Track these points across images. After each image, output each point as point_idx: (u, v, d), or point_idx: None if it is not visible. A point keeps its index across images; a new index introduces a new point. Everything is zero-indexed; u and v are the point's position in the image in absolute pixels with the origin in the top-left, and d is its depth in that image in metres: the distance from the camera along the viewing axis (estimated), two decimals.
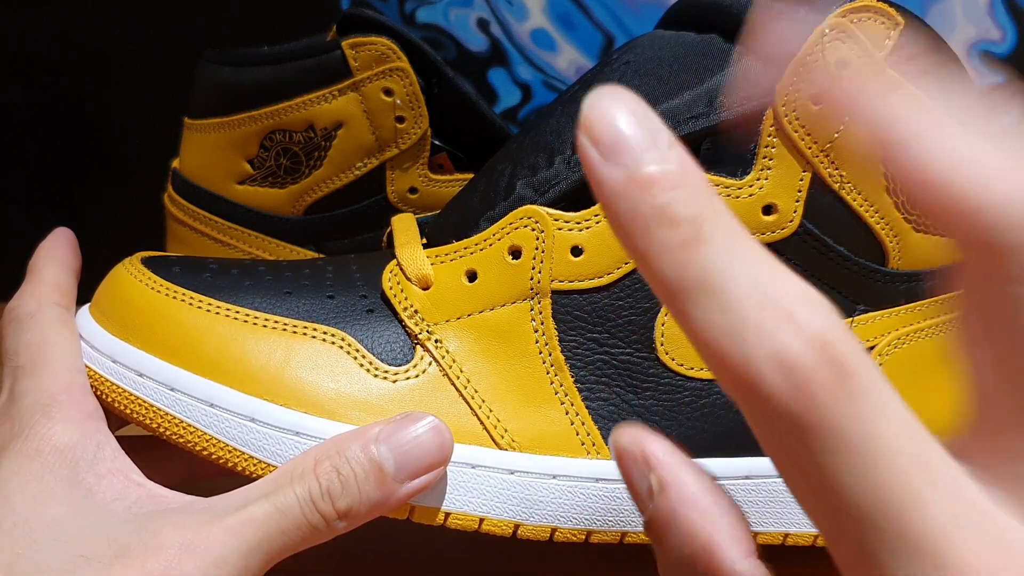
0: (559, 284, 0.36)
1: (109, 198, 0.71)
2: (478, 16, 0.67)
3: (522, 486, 0.35)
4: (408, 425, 0.34)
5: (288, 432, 0.34)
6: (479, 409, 0.35)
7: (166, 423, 0.35)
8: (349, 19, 0.51)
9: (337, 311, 0.37)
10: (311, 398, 0.35)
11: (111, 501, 0.33)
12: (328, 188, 0.52)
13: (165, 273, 0.37)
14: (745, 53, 0.37)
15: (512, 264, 0.36)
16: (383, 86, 0.50)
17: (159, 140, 0.59)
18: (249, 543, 0.32)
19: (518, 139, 0.40)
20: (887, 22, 0.36)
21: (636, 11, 0.67)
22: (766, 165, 0.36)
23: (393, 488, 0.33)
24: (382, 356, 0.36)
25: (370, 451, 0.33)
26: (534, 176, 0.37)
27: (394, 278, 0.37)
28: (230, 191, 0.53)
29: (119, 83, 0.69)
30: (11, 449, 0.34)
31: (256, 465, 0.34)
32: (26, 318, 0.37)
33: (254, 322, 0.36)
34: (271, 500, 0.32)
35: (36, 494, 0.32)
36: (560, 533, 0.36)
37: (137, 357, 0.35)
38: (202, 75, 0.53)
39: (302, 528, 0.32)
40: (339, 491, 0.32)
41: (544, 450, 0.35)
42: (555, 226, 0.36)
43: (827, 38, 0.36)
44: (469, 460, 0.35)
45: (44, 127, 0.70)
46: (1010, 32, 0.67)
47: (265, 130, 0.51)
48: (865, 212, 0.37)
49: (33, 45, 0.68)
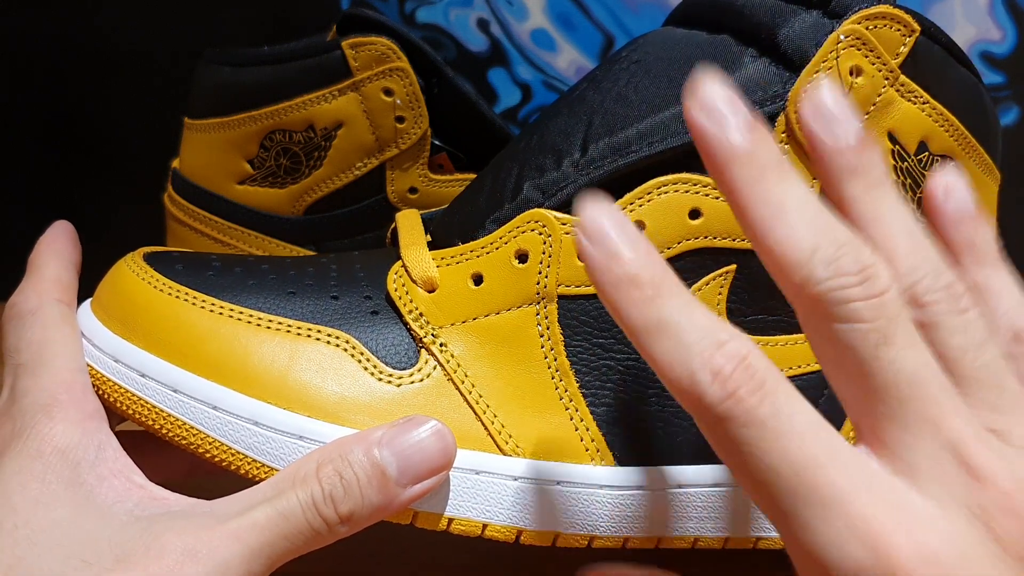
0: (565, 289, 0.36)
1: (109, 198, 0.71)
2: (478, 16, 0.67)
3: (525, 492, 0.35)
4: (411, 429, 0.34)
5: (292, 436, 0.34)
6: (483, 414, 0.35)
7: (169, 424, 0.35)
8: (349, 19, 0.51)
9: (341, 313, 0.36)
10: (315, 401, 0.34)
11: (112, 504, 0.33)
12: (328, 188, 0.52)
13: (168, 271, 0.37)
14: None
15: (518, 268, 0.36)
16: (383, 86, 0.50)
17: (159, 140, 0.59)
18: (251, 548, 0.32)
19: (524, 137, 0.40)
20: (903, 29, 0.36)
21: (636, 11, 0.67)
22: None
23: (396, 492, 0.33)
24: (386, 359, 0.36)
25: (373, 455, 0.33)
26: (541, 178, 0.37)
27: (399, 280, 0.37)
28: (230, 191, 0.53)
29: (119, 83, 0.69)
30: (13, 449, 0.33)
31: (259, 469, 0.34)
32: (27, 315, 0.37)
33: (257, 323, 0.36)
34: (273, 504, 0.32)
35: (38, 495, 0.32)
36: (563, 539, 0.35)
37: (139, 357, 0.35)
38: (202, 75, 0.53)
39: (304, 532, 0.32)
40: (342, 495, 0.32)
41: (548, 456, 0.35)
42: (562, 230, 0.36)
43: (842, 44, 0.35)
44: (473, 465, 0.35)
45: (44, 127, 0.70)
46: (1010, 32, 0.67)
47: (265, 130, 0.51)
48: None
49: (33, 45, 0.68)
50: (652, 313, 0.27)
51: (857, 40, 0.35)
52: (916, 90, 0.37)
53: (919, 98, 0.37)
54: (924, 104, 0.37)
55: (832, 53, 0.35)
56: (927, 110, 0.37)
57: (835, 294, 0.27)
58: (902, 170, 0.37)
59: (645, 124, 0.36)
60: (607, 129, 0.37)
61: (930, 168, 0.37)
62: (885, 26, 0.36)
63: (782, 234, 0.27)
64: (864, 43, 0.36)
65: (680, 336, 0.26)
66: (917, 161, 0.37)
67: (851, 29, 0.35)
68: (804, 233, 0.27)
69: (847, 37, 0.35)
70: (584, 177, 0.36)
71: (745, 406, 0.26)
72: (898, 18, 0.36)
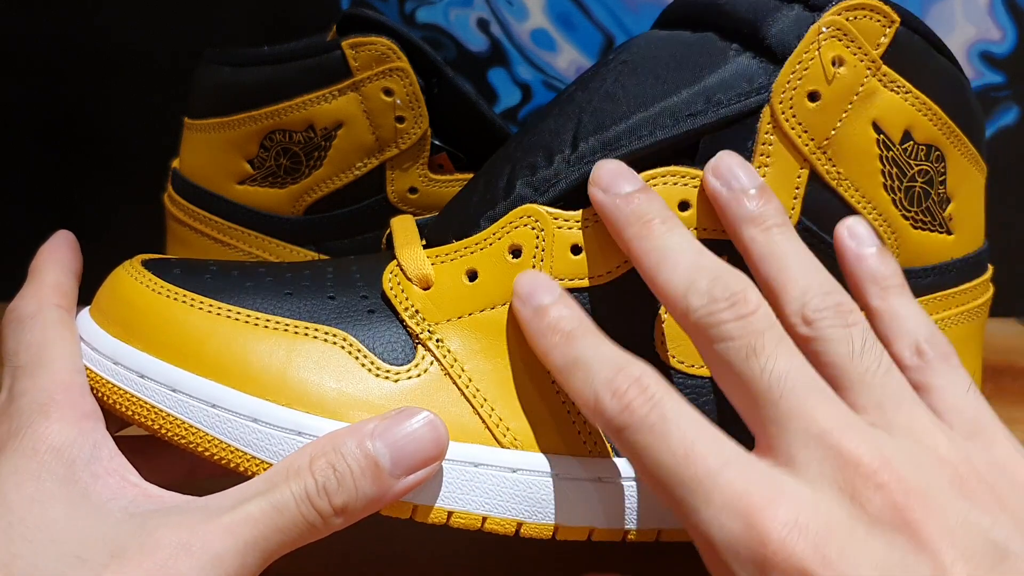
0: (559, 282, 0.36)
1: (109, 198, 0.71)
2: (478, 16, 0.67)
3: (524, 484, 0.35)
4: (403, 420, 0.34)
5: (291, 432, 0.34)
6: (481, 408, 0.35)
7: (168, 424, 0.35)
8: (349, 19, 0.51)
9: (338, 311, 0.37)
10: (313, 398, 0.35)
11: (107, 501, 0.33)
12: (328, 188, 0.52)
13: (166, 275, 0.37)
14: None
15: (512, 263, 0.36)
16: (383, 86, 0.50)
17: (159, 140, 0.59)
18: (246, 541, 0.32)
19: (517, 139, 0.40)
20: (883, 20, 0.36)
21: (636, 11, 0.67)
22: (763, 163, 0.36)
23: (389, 484, 0.33)
24: (384, 356, 0.36)
25: (366, 447, 0.33)
26: (533, 175, 0.37)
27: (394, 278, 0.37)
28: (230, 191, 0.53)
29: (119, 83, 0.69)
30: (9, 448, 0.33)
31: (259, 465, 0.34)
32: (27, 319, 0.37)
33: (255, 323, 0.36)
34: (267, 498, 0.32)
35: (33, 493, 0.32)
36: (563, 532, 0.36)
37: (138, 359, 0.35)
38: (202, 75, 0.53)
39: (299, 525, 0.32)
40: (335, 487, 0.32)
41: (546, 448, 0.35)
42: (555, 225, 0.36)
43: (823, 36, 0.36)
44: (471, 459, 0.35)
45: (44, 127, 0.70)
46: (1010, 32, 0.67)
47: (265, 130, 0.51)
48: (863, 209, 0.37)
49: (33, 45, 0.68)
50: (569, 352, 0.33)
51: (838, 31, 0.36)
52: (898, 80, 0.37)
53: (901, 88, 0.37)
54: (907, 94, 0.37)
55: (814, 44, 0.36)
56: (910, 99, 0.37)
57: (709, 318, 0.31)
58: (888, 159, 0.37)
59: (634, 120, 0.37)
60: (596, 126, 0.37)
61: (916, 157, 0.38)
62: (865, 17, 0.36)
63: (665, 276, 0.33)
64: (845, 34, 0.36)
65: (590, 367, 0.32)
66: (903, 150, 0.38)
67: (832, 20, 0.36)
68: (682, 272, 0.33)
69: (828, 28, 0.36)
70: (575, 172, 0.36)
71: (638, 415, 0.30)
72: (878, 9, 0.36)
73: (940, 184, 0.39)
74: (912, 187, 0.38)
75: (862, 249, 0.36)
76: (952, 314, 0.40)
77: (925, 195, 0.38)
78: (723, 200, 0.35)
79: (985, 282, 0.42)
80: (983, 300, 0.42)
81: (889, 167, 0.37)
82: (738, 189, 0.35)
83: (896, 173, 0.38)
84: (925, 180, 0.38)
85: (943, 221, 0.39)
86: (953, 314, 0.40)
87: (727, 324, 0.31)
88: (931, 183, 0.38)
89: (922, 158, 0.38)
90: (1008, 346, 0.68)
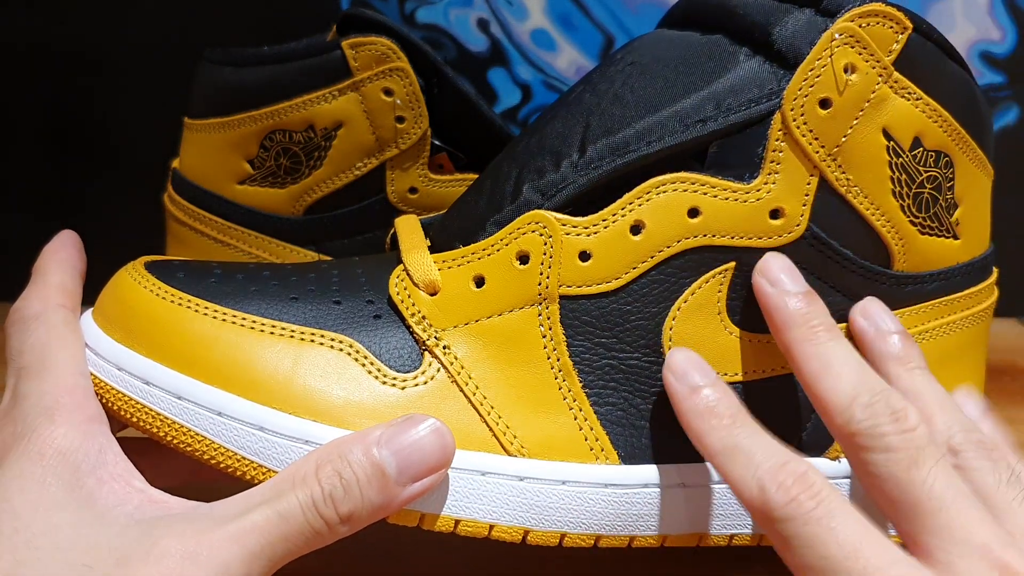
0: (567, 289, 0.36)
1: (109, 198, 0.71)
2: (478, 16, 0.67)
3: (531, 492, 0.35)
4: (409, 428, 0.33)
5: (297, 440, 0.34)
6: (488, 415, 0.35)
7: (173, 431, 0.34)
8: (349, 19, 0.51)
9: (344, 317, 0.36)
10: (320, 406, 0.34)
11: (112, 507, 0.33)
12: (328, 188, 0.52)
13: (169, 279, 0.37)
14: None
15: (520, 269, 0.36)
16: (383, 86, 0.50)
17: (159, 140, 0.59)
18: (251, 550, 0.31)
19: (523, 140, 0.40)
20: (895, 26, 0.36)
21: (636, 11, 0.67)
22: (774, 169, 0.36)
23: (395, 491, 0.33)
24: (390, 363, 0.35)
25: (372, 454, 0.33)
26: (540, 179, 0.37)
27: (401, 284, 0.37)
28: (230, 191, 0.52)
29: (119, 83, 0.69)
30: (14, 451, 0.33)
31: (265, 474, 0.34)
32: (31, 319, 0.37)
33: (261, 329, 0.36)
34: (273, 506, 0.32)
35: (38, 499, 0.32)
36: (569, 539, 0.35)
37: (143, 365, 0.35)
38: (202, 75, 0.53)
39: (305, 533, 0.32)
40: (341, 495, 0.32)
41: (553, 456, 0.35)
42: (563, 231, 0.36)
43: (836, 43, 0.36)
44: (478, 467, 0.35)
45: (44, 127, 0.70)
46: (1010, 32, 0.67)
47: (265, 130, 0.51)
48: (871, 215, 0.37)
49: (33, 45, 0.68)
50: (729, 439, 0.34)
51: (851, 38, 0.36)
52: (909, 86, 0.37)
53: (912, 94, 0.37)
54: (918, 100, 0.37)
55: (827, 51, 0.36)
56: (920, 106, 0.37)
57: (873, 430, 0.33)
58: (897, 166, 0.37)
59: (642, 124, 0.36)
60: (605, 130, 0.37)
61: (925, 164, 0.38)
62: (878, 23, 0.36)
63: (828, 385, 0.34)
64: (858, 40, 0.36)
65: (752, 456, 0.33)
66: (912, 157, 0.37)
67: (845, 27, 0.36)
68: (846, 384, 0.34)
69: (841, 35, 0.36)
70: (583, 177, 0.36)
71: (804, 508, 0.31)
72: (890, 15, 0.36)
73: (948, 190, 0.39)
74: (920, 193, 0.38)
75: (880, 327, 0.38)
76: (957, 318, 0.40)
77: (933, 201, 0.38)
78: (768, 304, 0.36)
79: (990, 286, 0.42)
80: (987, 304, 0.42)
81: (898, 174, 0.37)
82: (785, 290, 0.36)
83: (905, 180, 0.37)
84: (933, 186, 0.38)
85: (950, 226, 0.39)
86: (958, 318, 0.40)
87: (890, 436, 0.33)
88: (939, 189, 0.38)
89: (931, 164, 0.38)
90: (1008, 346, 0.68)
